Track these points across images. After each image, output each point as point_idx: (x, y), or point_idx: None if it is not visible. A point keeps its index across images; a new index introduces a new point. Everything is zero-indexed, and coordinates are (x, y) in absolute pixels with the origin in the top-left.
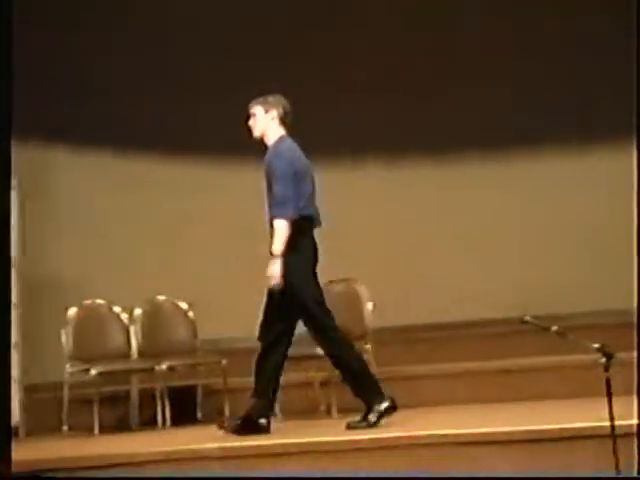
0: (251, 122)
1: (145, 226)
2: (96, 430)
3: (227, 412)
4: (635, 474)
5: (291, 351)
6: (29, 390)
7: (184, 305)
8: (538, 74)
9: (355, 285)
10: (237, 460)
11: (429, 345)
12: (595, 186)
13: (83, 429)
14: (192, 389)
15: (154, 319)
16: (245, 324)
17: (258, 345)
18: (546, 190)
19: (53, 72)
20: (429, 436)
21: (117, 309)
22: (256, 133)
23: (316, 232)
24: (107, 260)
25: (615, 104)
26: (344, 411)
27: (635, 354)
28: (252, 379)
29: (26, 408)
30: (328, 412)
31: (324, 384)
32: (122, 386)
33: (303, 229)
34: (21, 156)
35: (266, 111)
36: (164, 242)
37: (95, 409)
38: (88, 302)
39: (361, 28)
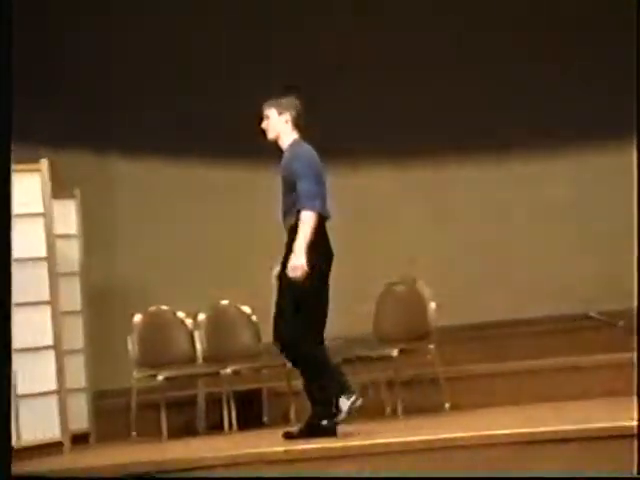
0: (264, 124)
1: (208, 231)
2: (164, 435)
3: (292, 415)
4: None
5: (356, 352)
6: (97, 397)
7: (247, 309)
8: None
9: (417, 285)
10: (303, 463)
11: (493, 343)
12: None
13: (151, 434)
14: (257, 393)
15: (218, 324)
16: None
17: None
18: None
19: (106, 80)
20: (494, 436)
21: (181, 315)
22: (270, 135)
23: (376, 231)
24: (171, 266)
25: None
26: (410, 412)
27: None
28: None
29: (95, 414)
30: (394, 413)
31: (389, 385)
32: (188, 391)
33: (323, 229)
34: (81, 165)
35: (279, 113)
36: (227, 247)
37: (163, 414)
38: (153, 308)
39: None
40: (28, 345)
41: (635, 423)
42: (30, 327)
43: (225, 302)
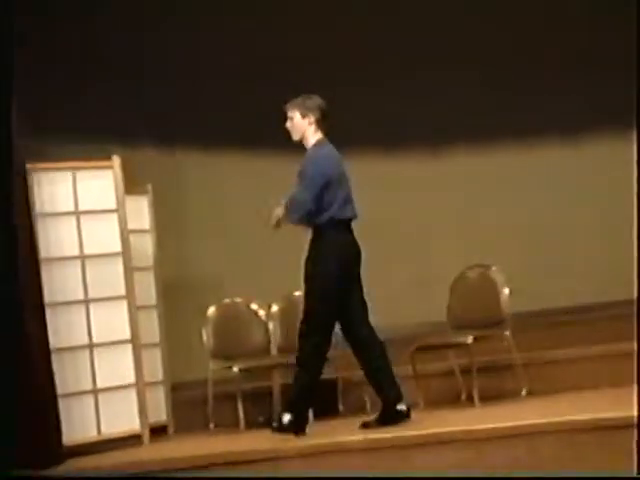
0: (289, 125)
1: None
2: (242, 426)
3: (368, 404)
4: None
5: (431, 340)
6: (175, 389)
7: None
8: None
9: (490, 271)
10: (381, 452)
11: (568, 329)
12: None
13: (228, 425)
14: (333, 382)
15: (291, 315)
16: (382, 314)
17: (397, 336)
18: None
19: (181, 76)
20: (578, 421)
21: (254, 306)
22: (295, 137)
23: (453, 220)
24: (243, 258)
25: None
26: (486, 399)
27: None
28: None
29: (173, 407)
30: (470, 400)
31: (465, 372)
32: (263, 382)
33: (342, 229)
34: (153, 161)
35: (303, 115)
36: (299, 238)
37: (239, 405)
38: (227, 301)
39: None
40: (106, 340)
41: None
42: (107, 322)
43: (298, 293)
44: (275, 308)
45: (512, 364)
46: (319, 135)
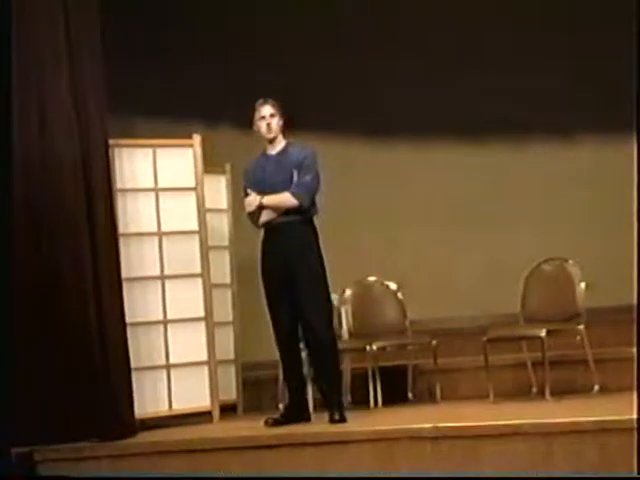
0: (269, 122)
1: (355, 208)
2: (310, 408)
3: (438, 392)
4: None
5: (504, 331)
6: (246, 368)
7: (394, 286)
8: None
9: (567, 265)
10: (449, 440)
11: None
12: None
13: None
14: (402, 369)
15: (364, 300)
16: (454, 305)
17: (468, 327)
18: None
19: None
20: None
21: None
22: (272, 134)
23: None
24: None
25: None
26: (558, 393)
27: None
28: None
29: (243, 386)
30: (541, 394)
31: (537, 365)
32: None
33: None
34: (232, 140)
35: (281, 116)
36: (370, 223)
37: (309, 388)
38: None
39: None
40: (180, 316)
41: None
42: (182, 299)
43: (372, 278)
44: (348, 293)
45: (585, 359)
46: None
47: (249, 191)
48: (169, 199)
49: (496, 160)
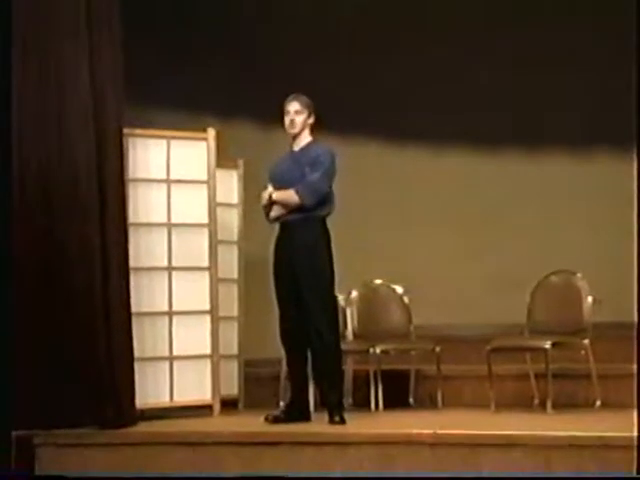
0: (292, 118)
1: (365, 210)
2: (312, 407)
3: (439, 399)
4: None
5: (508, 342)
6: (248, 364)
7: (400, 290)
8: None
9: (575, 278)
10: (448, 447)
11: None
12: None
13: None
14: (405, 374)
15: (370, 302)
16: (460, 312)
17: (472, 335)
18: None
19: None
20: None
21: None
22: (295, 130)
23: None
24: None
25: None
26: (560, 406)
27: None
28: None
29: (245, 381)
30: (542, 406)
31: (540, 377)
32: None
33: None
34: (246, 136)
35: (309, 115)
36: (380, 226)
37: (311, 388)
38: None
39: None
40: (185, 309)
41: None
42: (188, 291)
43: (378, 281)
44: (354, 294)
45: (588, 374)
46: (310, 135)
47: (268, 184)
48: (180, 191)
49: (509, 170)
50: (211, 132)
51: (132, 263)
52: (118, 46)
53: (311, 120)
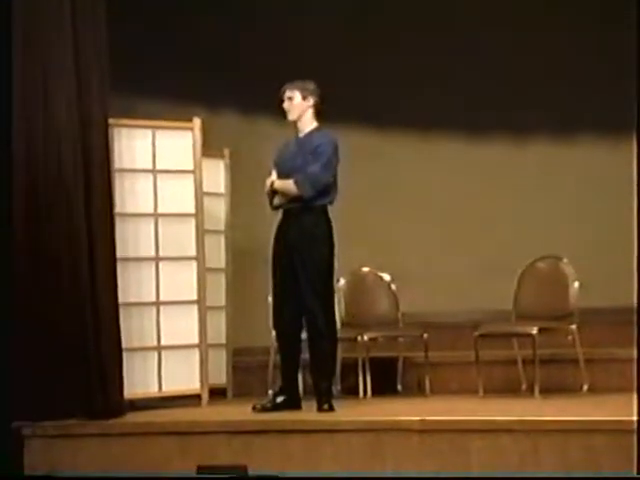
0: (286, 105)
1: (352, 196)
2: (300, 395)
3: (427, 385)
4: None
5: (495, 328)
6: (236, 353)
7: (387, 277)
8: None
9: (561, 263)
10: (436, 434)
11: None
12: None
13: None
14: (393, 361)
15: (357, 290)
16: (447, 299)
17: (460, 321)
18: None
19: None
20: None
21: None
22: (292, 116)
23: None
24: None
25: None
26: (547, 391)
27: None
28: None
29: (233, 370)
30: (530, 391)
31: (527, 362)
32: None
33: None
34: (231, 125)
35: (303, 97)
36: (368, 213)
37: (299, 376)
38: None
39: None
40: (173, 299)
41: None
42: (175, 281)
43: (365, 269)
44: (342, 282)
45: (575, 359)
46: (315, 122)
47: (272, 171)
48: (167, 181)
49: (495, 157)
50: (197, 121)
51: (119, 253)
52: (103, 34)
53: (310, 102)
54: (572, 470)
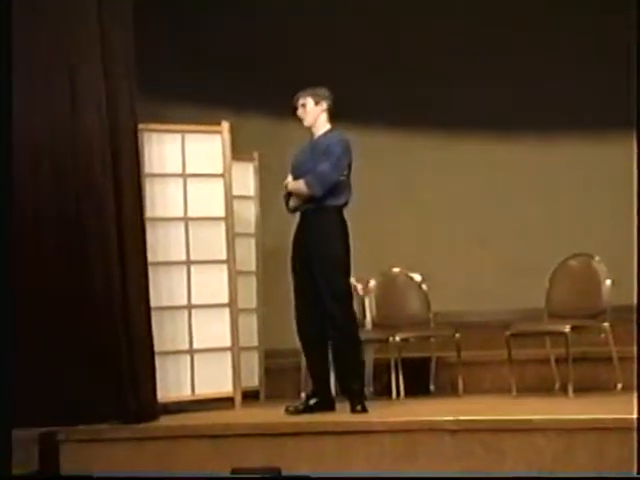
0: (300, 112)
1: (384, 198)
2: (333, 394)
3: (460, 385)
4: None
5: (527, 327)
6: (268, 356)
7: (418, 277)
8: None
9: (593, 261)
10: (469, 433)
11: None
12: None
13: None
14: (425, 361)
15: (388, 291)
16: (478, 298)
17: (492, 321)
18: None
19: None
20: None
21: (352, 280)
22: (307, 123)
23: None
24: None
25: None
26: (581, 390)
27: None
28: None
29: (265, 373)
30: (563, 390)
31: (561, 361)
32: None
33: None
34: (261, 129)
35: (316, 103)
36: (400, 214)
37: (331, 377)
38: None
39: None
40: (205, 302)
41: None
42: (207, 285)
43: (396, 269)
44: (372, 283)
45: (609, 357)
46: (329, 125)
47: (289, 175)
48: (196, 185)
49: (526, 157)
50: (225, 125)
51: (150, 258)
52: (131, 40)
53: (323, 107)
54: (606, 470)
